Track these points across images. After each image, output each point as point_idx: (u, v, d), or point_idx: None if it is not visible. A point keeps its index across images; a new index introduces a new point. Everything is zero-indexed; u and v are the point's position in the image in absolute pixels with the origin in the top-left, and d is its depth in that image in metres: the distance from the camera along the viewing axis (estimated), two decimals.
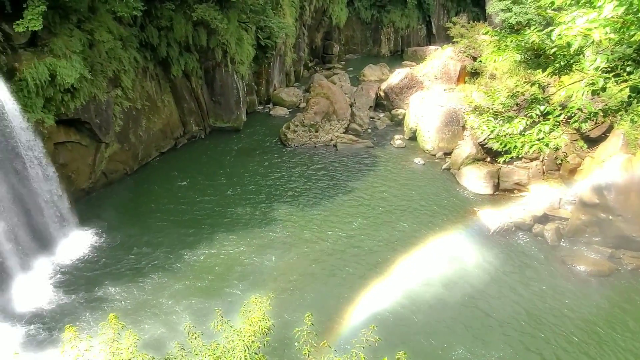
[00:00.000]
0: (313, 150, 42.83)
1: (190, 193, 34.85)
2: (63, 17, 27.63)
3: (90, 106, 30.93)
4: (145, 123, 37.70)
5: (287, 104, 52.05)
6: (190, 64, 40.25)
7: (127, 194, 34.68)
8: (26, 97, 26.46)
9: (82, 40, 29.05)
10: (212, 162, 39.71)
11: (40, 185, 27.62)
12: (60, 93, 28.17)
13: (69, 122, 30.56)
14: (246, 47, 44.21)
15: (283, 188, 36.32)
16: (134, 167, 37.29)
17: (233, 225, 31.27)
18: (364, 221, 32.21)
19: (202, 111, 43.70)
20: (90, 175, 33.44)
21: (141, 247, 28.65)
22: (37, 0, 24.68)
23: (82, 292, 25.05)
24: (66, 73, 27.36)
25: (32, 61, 26.24)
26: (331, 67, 66.02)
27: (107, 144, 33.79)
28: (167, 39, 37.29)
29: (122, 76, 33.79)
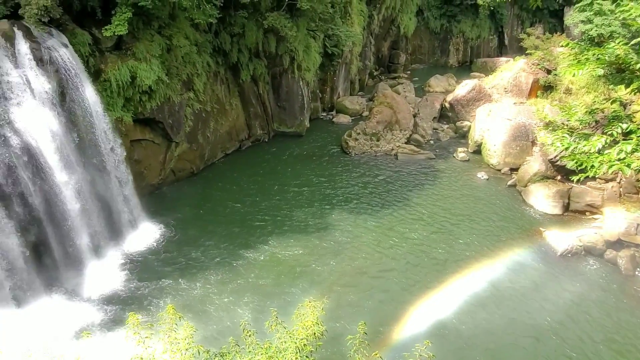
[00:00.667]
0: (373, 159, 42.69)
1: (253, 194, 35.89)
2: (146, 23, 29.54)
3: (165, 107, 32.76)
4: (213, 125, 39.33)
5: (350, 112, 52.29)
6: (259, 70, 41.55)
7: (193, 191, 36.27)
8: (109, 96, 28.57)
9: (161, 45, 30.91)
10: (274, 166, 40.66)
11: (116, 179, 29.58)
12: (139, 94, 30.13)
13: (144, 121, 32.53)
14: (313, 55, 44.97)
15: (342, 195, 36.48)
16: (200, 167, 38.96)
17: (293, 228, 31.89)
18: (423, 233, 31.62)
19: (267, 116, 44.91)
20: (160, 172, 35.37)
21: (205, 243, 29.87)
22: (124, 8, 26.58)
23: (147, 281, 26.49)
24: (145, 75, 29.22)
25: (116, 63, 28.29)
26: (396, 77, 65.54)
27: (177, 143, 35.62)
28: (239, 45, 38.77)
29: (195, 80, 35.55)
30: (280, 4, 38.15)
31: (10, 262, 22.67)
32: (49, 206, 24.60)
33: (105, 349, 20.79)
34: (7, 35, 22.47)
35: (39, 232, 24.36)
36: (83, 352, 18.58)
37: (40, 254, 24.63)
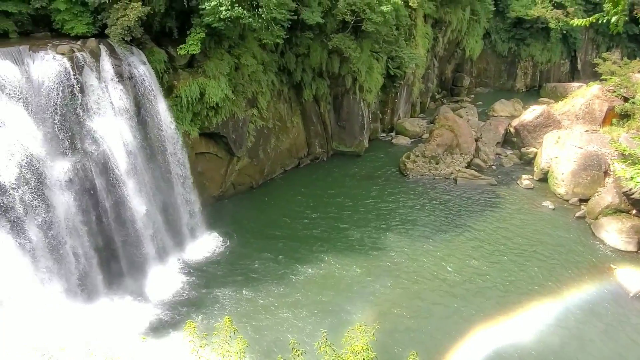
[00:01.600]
0: (432, 182, 41.89)
1: (310, 211, 36.28)
2: (217, 42, 31.09)
3: (229, 122, 34.09)
4: (274, 141, 40.36)
5: (409, 134, 51.82)
6: (321, 89, 42.30)
7: (251, 205, 37.23)
8: (179, 111, 30.17)
9: (230, 63, 32.35)
10: (332, 184, 40.94)
11: (180, 189, 30.99)
12: (206, 109, 31.59)
13: (209, 135, 33.98)
14: (375, 76, 45.21)
15: (399, 217, 36.01)
16: (259, 182, 39.97)
17: (349, 246, 31.89)
18: (483, 262, 30.47)
19: (327, 134, 45.45)
20: (221, 184, 36.67)
21: (261, 256, 30.50)
22: (198, 28, 28.16)
23: (205, 289, 27.36)
24: (213, 92, 30.64)
25: (188, 80, 29.90)
26: (459, 100, 64.32)
27: (239, 158, 36.84)
28: (303, 65, 39.76)
29: (259, 97, 36.79)
30: (345, 26, 38.84)
31: (82, 262, 24.22)
32: (118, 212, 26.17)
33: (161, 353, 21.56)
34: (94, 52, 24.44)
35: (108, 235, 25.91)
36: (140, 353, 19.44)
37: (108, 255, 26.16)
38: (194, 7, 27.65)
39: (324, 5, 37.00)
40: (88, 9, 25.22)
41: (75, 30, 24.94)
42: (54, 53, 22.54)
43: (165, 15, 27.73)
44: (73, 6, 24.88)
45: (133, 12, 24.73)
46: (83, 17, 25.18)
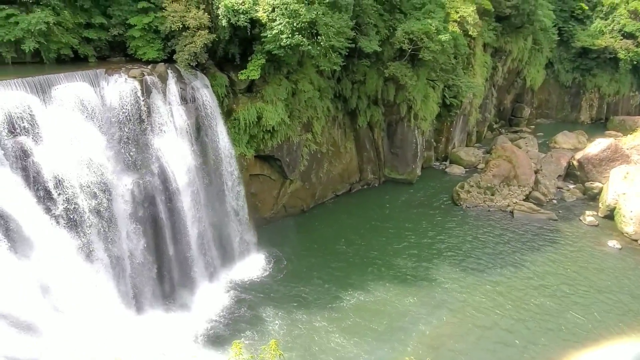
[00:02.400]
0: (486, 213, 40.49)
1: (360, 236, 36.01)
2: (277, 69, 32.14)
3: (284, 146, 34.84)
4: (327, 166, 40.72)
5: (464, 163, 50.64)
6: (376, 116, 42.47)
7: (302, 228, 37.45)
8: (236, 133, 31.24)
9: (287, 89, 33.27)
10: (383, 211, 40.52)
11: (233, 209, 31.78)
12: (263, 132, 32.50)
13: (264, 158, 34.83)
14: (431, 104, 44.85)
15: (452, 248, 34.96)
16: (310, 205, 40.26)
17: (399, 274, 31.27)
18: (543, 301, 28.81)
19: (380, 161, 45.32)
20: (273, 206, 37.28)
21: (310, 279, 30.48)
22: (259, 55, 29.27)
23: (252, 309, 27.62)
24: (270, 116, 31.55)
25: (247, 104, 30.99)
26: (518, 131, 62.36)
27: (291, 181, 37.41)
28: (359, 92, 40.20)
29: (314, 122, 37.45)
30: (402, 54, 39.02)
31: (138, 274, 25.22)
32: (174, 228, 27.18)
33: None
34: (162, 76, 25.96)
35: (163, 250, 26.91)
36: None
37: (161, 269, 27.10)
38: (256, 34, 28.83)
39: (381, 34, 37.48)
40: (159, 36, 26.95)
41: (146, 56, 26.66)
42: (126, 76, 24.15)
43: (229, 42, 29.11)
44: (146, 33, 26.68)
45: (200, 39, 26.16)
46: (154, 43, 26.91)
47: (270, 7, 27.88)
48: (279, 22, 27.64)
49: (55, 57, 25.46)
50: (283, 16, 27.56)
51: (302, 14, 27.40)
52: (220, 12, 27.13)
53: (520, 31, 56.08)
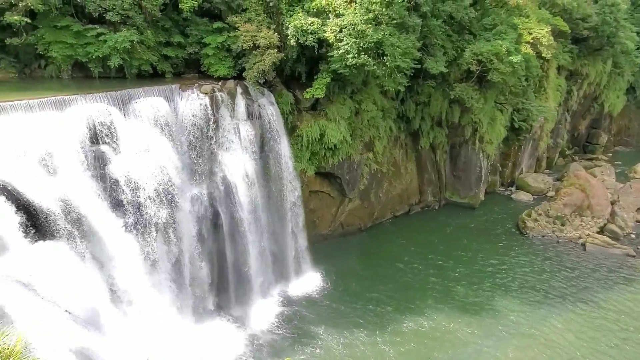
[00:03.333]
0: (554, 244, 38.19)
1: (417, 259, 35.17)
2: (341, 88, 32.50)
3: (345, 164, 34.96)
4: (386, 186, 40.33)
5: (532, 190, 48.28)
6: (439, 138, 41.66)
7: (358, 247, 37.17)
8: (299, 149, 31.78)
9: (351, 108, 33.50)
10: (443, 235, 39.38)
11: (291, 224, 32.15)
12: (324, 150, 32.83)
13: (324, 175, 35.10)
14: (498, 127, 43.37)
15: (515, 277, 33.21)
16: (368, 224, 39.93)
17: (458, 303, 30.12)
18: (614, 342, 26.54)
19: (441, 183, 44.26)
20: (330, 223, 37.35)
21: (365, 300, 30.08)
22: (325, 74, 29.76)
23: (304, 326, 27.59)
24: (333, 134, 31.85)
25: (310, 122, 31.52)
26: (593, 158, 58.72)
27: (350, 199, 37.37)
28: (422, 113, 39.69)
29: (376, 142, 37.33)
30: (469, 76, 38.17)
31: (196, 282, 26.04)
32: (234, 240, 27.89)
33: None
34: (231, 92, 27.03)
35: (222, 262, 27.66)
36: None
37: (219, 280, 27.83)
38: (323, 54, 29.37)
39: (449, 54, 36.92)
40: (231, 54, 28.17)
41: (218, 73, 27.91)
42: (198, 92, 25.37)
43: (296, 61, 29.87)
44: (219, 52, 27.98)
45: (269, 57, 27.04)
46: (226, 61, 28.14)
47: (338, 28, 28.35)
48: (345, 42, 28.02)
49: (136, 72, 27.30)
50: (350, 36, 27.91)
51: (369, 34, 27.61)
52: (290, 32, 27.97)
53: (599, 54, 53.19)
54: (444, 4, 34.50)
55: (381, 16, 28.07)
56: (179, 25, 28.48)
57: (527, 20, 41.78)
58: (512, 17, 39.71)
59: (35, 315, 12.88)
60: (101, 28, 25.84)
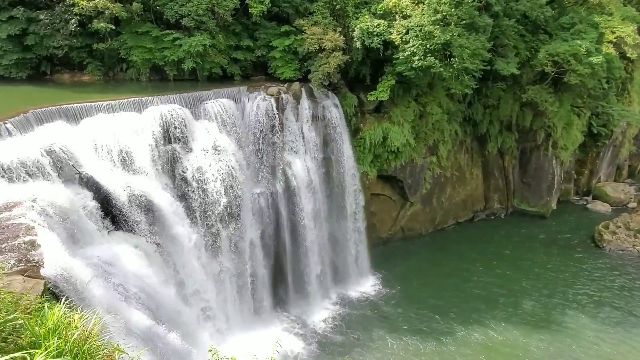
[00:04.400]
0: (636, 259, 35.34)
1: (480, 269, 33.92)
2: (406, 90, 32.08)
3: (407, 167, 34.46)
4: (450, 191, 39.27)
5: (610, 200, 44.97)
6: (508, 143, 39.95)
7: (419, 252, 36.47)
8: (361, 152, 31.74)
9: (415, 111, 32.98)
10: (508, 244, 37.70)
11: (351, 226, 32.18)
12: (387, 153, 32.55)
13: (386, 178, 34.78)
14: (574, 133, 40.84)
15: (590, 295, 31.03)
16: (429, 230, 39.08)
17: (527, 318, 28.58)
18: None
19: (509, 190, 42.38)
20: (391, 227, 36.96)
21: (426, 307, 29.47)
22: (390, 76, 29.53)
23: (360, 329, 27.52)
24: (396, 137, 31.51)
25: (373, 124, 31.39)
26: None
27: (412, 203, 36.77)
28: (491, 116, 38.24)
29: (440, 146, 36.46)
30: (544, 77, 36.23)
31: (257, 281, 26.73)
32: (294, 239, 28.38)
33: None
34: (296, 94, 27.54)
35: (282, 260, 28.23)
36: None
37: (277, 279, 28.40)
38: (388, 56, 29.15)
39: (521, 55, 35.26)
40: (297, 57, 28.72)
41: (284, 75, 28.54)
42: (264, 94, 26.09)
43: (361, 63, 29.88)
44: (286, 54, 28.63)
45: (334, 60, 27.27)
46: (292, 64, 28.73)
47: (405, 29, 28.04)
48: (412, 43, 27.65)
49: (207, 75, 28.57)
50: (417, 38, 27.51)
51: (436, 35, 27.07)
52: (355, 34, 28.03)
53: None
54: (517, 2, 33.00)
55: (450, 17, 27.43)
56: (248, 30, 29.46)
57: (609, 19, 38.97)
58: (592, 15, 37.20)
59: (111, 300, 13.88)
60: (177, 33, 27.31)
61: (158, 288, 17.99)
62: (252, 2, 27.61)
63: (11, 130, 16.88)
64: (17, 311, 6.22)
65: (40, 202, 14.15)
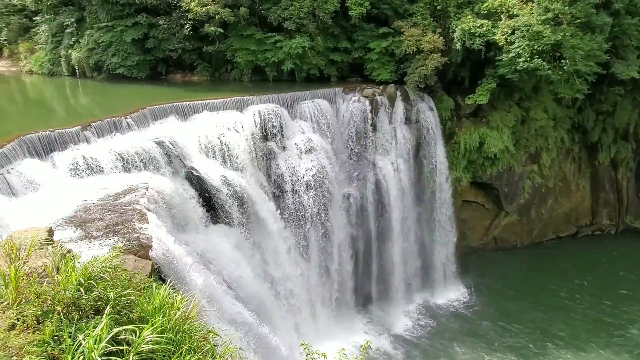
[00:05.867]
0: None
1: (583, 290, 31.15)
2: (507, 94, 30.47)
3: (504, 175, 32.69)
4: (551, 203, 36.55)
5: None
6: (623, 153, 36.24)
7: (512, 265, 34.44)
8: (454, 157, 30.74)
9: (517, 116, 31.18)
10: (616, 265, 34.15)
11: (440, 232, 31.28)
12: (483, 159, 31.20)
13: (480, 185, 33.31)
14: None
15: None
16: (525, 242, 36.72)
17: (628, 349, 25.94)
18: None
19: (621, 206, 38.41)
20: (482, 236, 35.32)
21: (520, 324, 27.88)
22: (490, 79, 28.21)
23: (448, 339, 26.75)
24: (493, 143, 30.06)
25: (469, 129, 30.22)
26: None
27: (507, 213, 34.82)
28: (604, 124, 34.97)
29: (543, 154, 34.09)
30: None
31: (342, 280, 27.04)
32: (381, 241, 28.29)
33: None
34: (391, 97, 27.40)
35: (368, 261, 28.29)
36: None
37: (363, 279, 28.49)
38: (490, 57, 27.86)
39: None
40: (394, 59, 28.53)
41: (380, 77, 28.50)
42: (359, 95, 26.31)
43: (460, 65, 28.91)
44: (383, 56, 28.57)
45: (431, 62, 26.70)
46: (388, 65, 28.60)
47: (510, 30, 26.62)
48: (517, 44, 26.18)
49: (305, 76, 29.46)
50: (523, 38, 25.98)
51: (545, 35, 25.34)
52: (456, 35, 27.18)
53: None
54: None
55: (562, 15, 25.52)
56: (346, 31, 29.85)
57: None
58: None
59: (207, 286, 14.94)
60: (278, 35, 28.50)
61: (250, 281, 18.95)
62: (351, 5, 27.94)
63: (131, 125, 18.83)
64: (129, 288, 6.95)
65: (151, 191, 15.64)
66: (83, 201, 14.47)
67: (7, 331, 5.58)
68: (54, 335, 5.48)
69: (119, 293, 6.49)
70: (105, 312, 5.78)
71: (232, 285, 17.17)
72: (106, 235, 12.31)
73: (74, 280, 6.30)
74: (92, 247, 11.44)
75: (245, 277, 18.55)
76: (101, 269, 6.93)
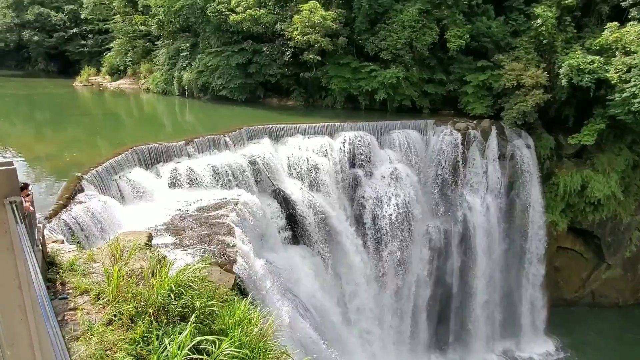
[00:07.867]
0: None
1: None
2: (617, 136, 28.02)
3: (609, 223, 29.80)
4: None
5: None
6: None
7: (611, 325, 30.96)
8: (551, 199, 28.65)
9: (627, 160, 28.50)
10: None
11: (528, 279, 29.09)
12: (584, 204, 28.74)
13: (579, 232, 30.61)
14: None
15: None
16: (629, 301, 32.90)
17: None
18: None
19: None
20: (578, 289, 32.25)
21: None
22: (599, 119, 26.18)
23: None
24: (598, 187, 27.65)
25: (570, 170, 28.12)
26: None
27: (609, 265, 31.54)
28: None
29: None
30: None
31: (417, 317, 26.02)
32: (462, 282, 26.92)
33: None
34: (485, 131, 26.42)
35: (447, 300, 27.03)
36: None
37: (439, 317, 27.20)
38: (600, 96, 25.94)
39: None
40: (491, 93, 27.59)
41: (474, 111, 27.67)
42: (451, 128, 25.72)
43: (564, 103, 27.26)
44: (479, 90, 27.76)
45: (532, 98, 25.45)
46: (484, 100, 27.70)
47: (626, 67, 24.65)
48: (633, 83, 24.14)
49: (397, 106, 29.46)
50: None
51: None
52: (562, 71, 25.72)
53: None
54: None
55: None
56: (443, 63, 29.50)
57: None
58: None
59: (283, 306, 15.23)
60: (374, 65, 28.91)
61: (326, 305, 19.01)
62: (450, 37, 27.63)
63: (228, 144, 20.07)
64: (214, 299, 7.31)
65: (240, 207, 16.44)
66: (179, 210, 15.63)
67: (105, 325, 6.11)
68: (143, 336, 5.90)
69: (204, 303, 6.83)
70: (191, 320, 6.11)
71: (308, 307, 17.33)
72: (196, 246, 13.11)
73: (166, 286, 6.77)
74: (184, 255, 12.23)
75: (321, 300, 18.63)
76: (190, 278, 7.36)
